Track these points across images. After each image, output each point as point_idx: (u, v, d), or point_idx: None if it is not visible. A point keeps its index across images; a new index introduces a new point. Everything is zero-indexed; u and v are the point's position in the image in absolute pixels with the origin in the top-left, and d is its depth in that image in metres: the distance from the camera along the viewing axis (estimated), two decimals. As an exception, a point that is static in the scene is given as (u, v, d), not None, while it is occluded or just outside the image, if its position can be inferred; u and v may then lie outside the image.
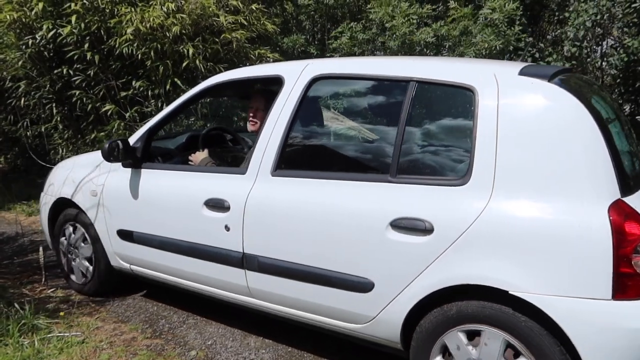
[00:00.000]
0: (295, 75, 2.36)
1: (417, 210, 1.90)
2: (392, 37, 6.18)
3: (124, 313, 3.07)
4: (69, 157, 6.11)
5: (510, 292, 1.71)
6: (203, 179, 2.55)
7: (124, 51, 5.12)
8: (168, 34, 5.04)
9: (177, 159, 3.10)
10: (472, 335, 1.88)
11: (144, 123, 5.59)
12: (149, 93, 5.41)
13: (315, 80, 2.31)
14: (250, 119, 2.90)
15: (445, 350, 1.95)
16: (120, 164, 2.82)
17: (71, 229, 3.26)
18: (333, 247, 2.08)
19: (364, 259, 2.01)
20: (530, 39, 6.11)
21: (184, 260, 2.62)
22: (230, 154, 3.45)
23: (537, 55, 6.01)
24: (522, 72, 1.88)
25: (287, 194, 2.22)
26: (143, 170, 2.78)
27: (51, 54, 5.56)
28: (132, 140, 2.83)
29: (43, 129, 5.92)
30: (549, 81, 1.82)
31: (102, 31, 5.22)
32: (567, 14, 5.99)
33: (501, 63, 2.19)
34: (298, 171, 2.31)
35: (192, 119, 5.81)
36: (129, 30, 4.94)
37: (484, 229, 1.77)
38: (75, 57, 5.33)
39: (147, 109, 5.53)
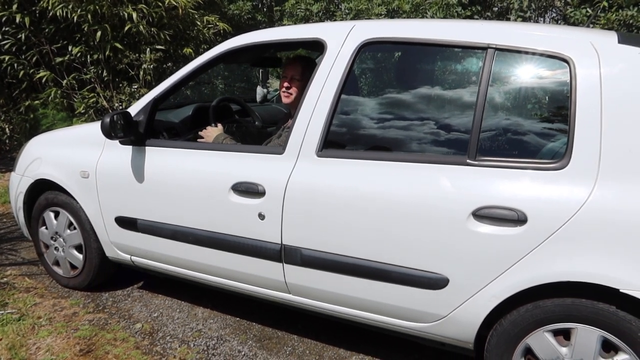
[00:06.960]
0: (340, 39, 2.08)
1: (505, 198, 1.67)
2: (342, 9, 6.11)
3: (64, 288, 2.95)
4: (0, 127, 5.78)
5: (621, 290, 1.53)
6: (228, 159, 2.22)
7: (58, 13, 4.81)
8: (106, -4, 4.77)
9: (187, 135, 2.72)
10: (557, 334, 1.71)
11: (83, 91, 5.42)
12: (88, 59, 5.13)
13: (365, 46, 2.04)
14: (284, 89, 2.51)
15: (527, 352, 1.77)
16: (117, 140, 2.44)
17: (53, 215, 2.84)
18: (398, 239, 1.85)
19: (437, 253, 1.79)
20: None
21: (203, 252, 2.30)
22: (247, 129, 3.01)
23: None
24: (622, 41, 1.67)
25: (338, 178, 1.95)
26: (147, 148, 2.41)
27: (-25, 16, 5.16)
28: (132, 112, 2.43)
29: (-30, 98, 5.53)
30: None
31: (32, -9, 4.89)
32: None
33: (586, 30, 1.94)
34: (351, 152, 2.06)
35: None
36: (61, -9, 4.64)
37: (589, 220, 1.57)
38: (3, 19, 4.97)
39: (86, 76, 5.25)
